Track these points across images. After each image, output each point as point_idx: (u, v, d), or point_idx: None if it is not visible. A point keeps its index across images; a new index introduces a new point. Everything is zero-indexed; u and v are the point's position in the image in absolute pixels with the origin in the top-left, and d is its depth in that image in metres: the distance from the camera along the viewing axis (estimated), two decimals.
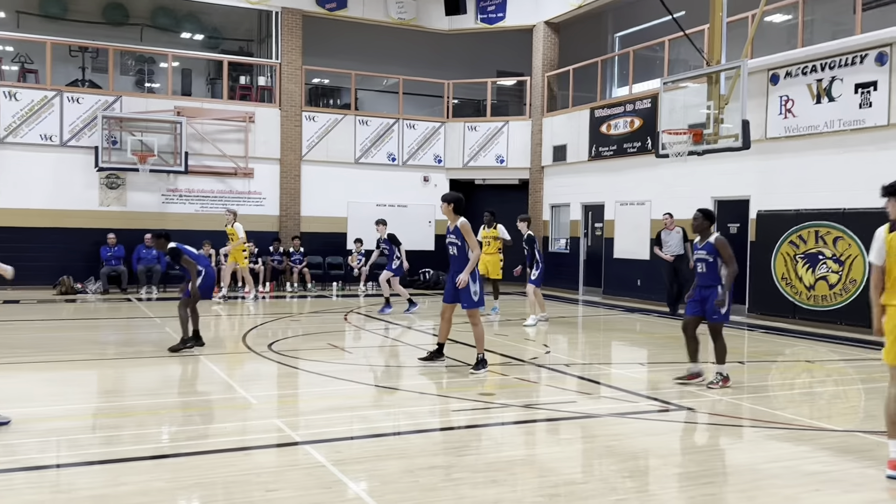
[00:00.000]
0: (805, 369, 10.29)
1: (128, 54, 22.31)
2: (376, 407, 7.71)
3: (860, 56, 13.37)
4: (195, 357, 9.99)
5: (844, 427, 6.97)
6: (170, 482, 5.06)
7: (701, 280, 8.60)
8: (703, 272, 8.56)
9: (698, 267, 8.65)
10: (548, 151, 21.78)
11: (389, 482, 5.11)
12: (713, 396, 8.09)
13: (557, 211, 21.97)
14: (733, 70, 13.44)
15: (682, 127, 14.15)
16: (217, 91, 21.76)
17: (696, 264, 8.71)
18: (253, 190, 20.59)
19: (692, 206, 16.58)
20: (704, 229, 8.61)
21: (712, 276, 8.48)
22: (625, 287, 18.87)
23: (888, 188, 5.58)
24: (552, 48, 21.97)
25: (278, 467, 5.48)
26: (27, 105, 18.35)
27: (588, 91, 21.04)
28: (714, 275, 8.48)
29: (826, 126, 13.95)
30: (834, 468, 5.63)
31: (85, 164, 18.72)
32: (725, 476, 5.40)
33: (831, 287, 13.84)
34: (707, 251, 8.52)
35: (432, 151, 22.64)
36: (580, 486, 5.14)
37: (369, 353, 11.20)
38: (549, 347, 11.61)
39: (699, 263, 8.64)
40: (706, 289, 8.52)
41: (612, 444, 6.21)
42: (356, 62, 22.83)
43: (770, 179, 15.13)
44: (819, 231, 14.07)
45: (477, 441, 6.33)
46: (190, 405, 7.51)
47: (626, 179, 18.99)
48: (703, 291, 8.57)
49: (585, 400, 7.92)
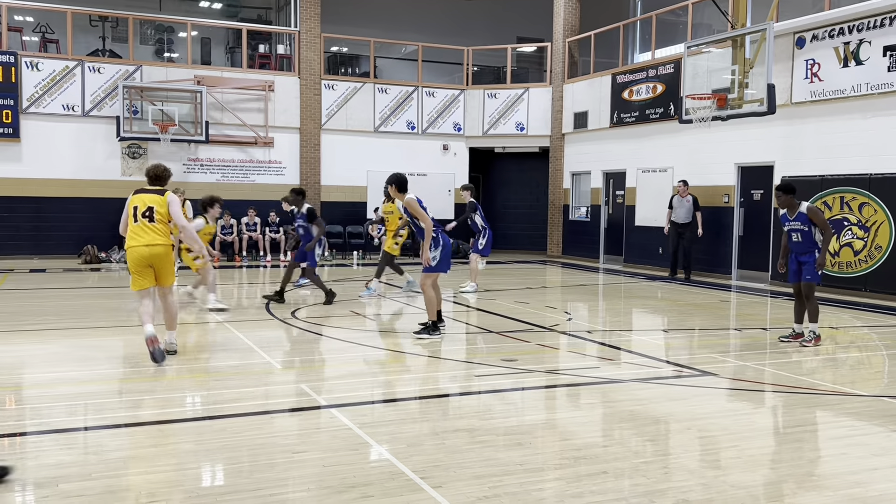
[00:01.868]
0: (829, 335, 10.22)
1: (147, 23, 22.29)
2: (400, 372, 7.75)
3: (889, 18, 13.08)
4: (220, 324, 10.08)
5: (870, 392, 6.93)
6: (197, 444, 5.13)
7: (797, 248, 8.96)
8: (799, 241, 8.91)
9: (793, 237, 8.95)
10: (568, 118, 21.60)
11: (415, 444, 5.15)
12: (736, 362, 8.07)
13: (578, 179, 21.84)
14: (758, 33, 13.22)
15: (706, 92, 13.99)
16: (236, 60, 21.73)
17: (791, 234, 8.99)
18: (273, 159, 20.62)
19: (715, 173, 16.63)
20: (791, 203, 8.92)
21: (808, 244, 8.86)
22: (646, 255, 18.78)
23: None
24: (573, 13, 21.68)
25: (304, 430, 5.54)
26: (49, 75, 18.43)
27: (610, 57, 20.78)
28: (810, 242, 8.88)
29: (853, 90, 13.71)
30: (859, 432, 5.61)
31: (107, 134, 18.82)
32: (748, 440, 5.39)
33: (856, 254, 13.69)
34: (801, 221, 8.85)
35: (452, 119, 22.52)
36: (603, 450, 5.16)
37: (391, 320, 11.25)
38: (571, 314, 11.60)
39: (794, 234, 8.93)
40: (803, 255, 8.90)
41: (635, 408, 6.22)
42: (375, 29, 22.68)
43: (795, 145, 14.92)
44: (845, 197, 13.89)
45: (500, 405, 6.35)
46: (214, 370, 7.59)
47: (648, 146, 18.81)
48: (800, 258, 8.94)
49: (607, 366, 7.93)
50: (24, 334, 9.28)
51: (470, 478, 4.54)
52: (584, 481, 4.54)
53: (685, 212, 16.27)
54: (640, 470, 4.75)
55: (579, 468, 4.77)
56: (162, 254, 7.78)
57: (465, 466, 4.74)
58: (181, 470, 4.64)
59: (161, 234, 7.83)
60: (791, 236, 8.99)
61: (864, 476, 4.71)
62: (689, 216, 16.22)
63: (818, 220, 8.79)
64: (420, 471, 4.63)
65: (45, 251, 18.69)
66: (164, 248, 7.82)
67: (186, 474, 4.59)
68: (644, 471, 4.73)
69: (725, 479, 4.63)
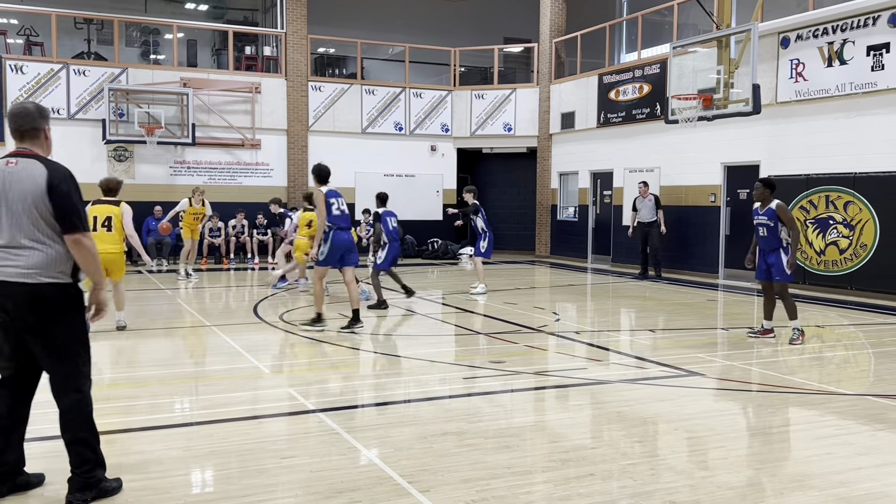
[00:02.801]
0: (815, 334, 10.28)
1: (133, 26, 22.19)
2: (388, 375, 7.76)
3: (872, 18, 13.18)
4: (207, 328, 10.05)
5: (855, 391, 6.98)
6: (184, 451, 5.12)
7: (763, 243, 9.19)
8: (765, 236, 9.14)
9: (760, 231, 9.18)
10: (556, 119, 21.64)
11: (403, 448, 5.16)
12: (723, 362, 8.11)
13: (566, 179, 21.89)
14: (743, 34, 13.29)
15: (692, 92, 14.05)
16: (223, 62, 21.67)
17: (758, 229, 9.22)
18: (260, 161, 20.56)
19: (701, 173, 16.71)
20: (766, 197, 9.12)
21: (773, 240, 9.05)
22: (634, 255, 18.80)
23: None
24: (559, 13, 21.73)
25: (292, 435, 5.54)
26: (34, 78, 18.32)
27: (596, 57, 20.84)
28: (775, 238, 9.05)
29: (837, 89, 13.80)
30: (845, 431, 5.65)
31: (93, 137, 18.72)
32: (736, 440, 5.42)
33: (842, 252, 13.78)
34: (768, 216, 9.06)
35: (439, 120, 22.53)
36: (591, 452, 5.18)
37: (380, 322, 11.24)
38: (559, 315, 11.63)
39: (761, 228, 9.16)
40: (770, 252, 9.10)
41: (623, 409, 6.24)
42: (362, 31, 22.66)
43: (780, 144, 15.01)
44: (830, 196, 13.98)
45: (488, 408, 6.36)
46: (202, 375, 7.57)
47: (634, 146, 18.87)
48: (767, 255, 9.14)
49: (595, 366, 7.95)
50: None
51: (458, 482, 4.55)
52: (571, 483, 4.56)
53: (648, 211, 16.75)
54: (628, 471, 4.77)
55: (567, 470, 4.79)
56: (116, 259, 9.11)
57: (452, 470, 4.75)
58: (169, 476, 4.63)
59: (116, 243, 9.20)
60: (758, 230, 9.24)
61: (849, 475, 4.74)
62: (652, 215, 16.62)
63: (785, 217, 8.99)
64: (408, 475, 4.64)
65: None
66: (117, 254, 9.18)
67: (174, 481, 4.58)
68: (632, 472, 4.75)
69: (713, 479, 4.65)
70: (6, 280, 4.06)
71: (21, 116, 4.27)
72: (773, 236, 9.06)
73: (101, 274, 4.32)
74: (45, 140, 4.36)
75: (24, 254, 4.06)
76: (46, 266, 4.08)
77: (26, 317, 4.07)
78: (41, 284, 4.06)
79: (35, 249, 4.07)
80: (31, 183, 4.07)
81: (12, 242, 4.07)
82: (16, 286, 4.04)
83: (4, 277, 4.06)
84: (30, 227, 4.07)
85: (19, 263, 4.05)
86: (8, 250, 4.08)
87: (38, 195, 4.06)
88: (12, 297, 4.05)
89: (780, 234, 9.01)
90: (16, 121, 4.28)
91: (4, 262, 4.07)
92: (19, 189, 4.07)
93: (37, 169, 4.12)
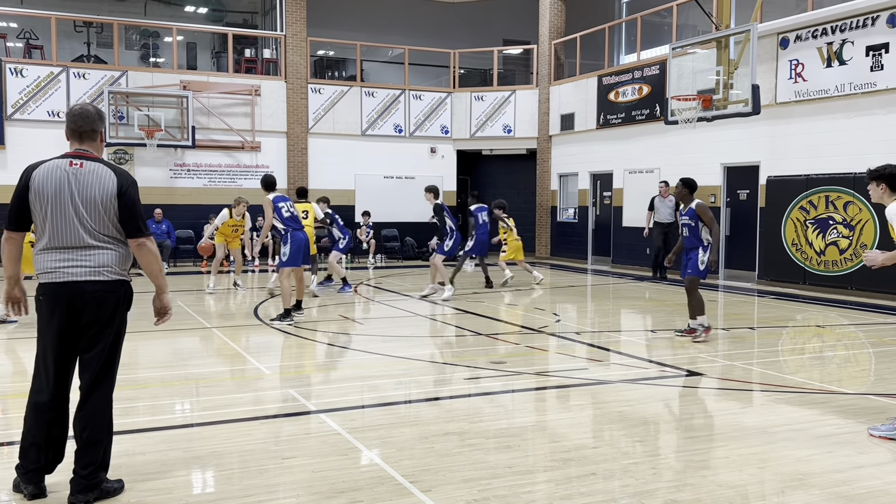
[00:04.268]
0: (816, 334, 10.29)
1: (132, 29, 22.20)
2: (389, 376, 7.75)
3: (871, 18, 13.20)
4: (207, 329, 10.06)
5: (856, 390, 6.99)
6: (186, 452, 5.12)
7: (685, 242, 9.46)
8: (686, 235, 9.40)
9: (683, 231, 9.45)
10: (555, 120, 21.66)
11: (405, 448, 5.16)
12: (724, 362, 8.11)
13: (565, 180, 21.90)
14: (743, 34, 13.30)
15: (692, 93, 14.07)
16: (222, 64, 21.68)
17: (682, 228, 9.51)
18: (260, 163, 20.57)
19: (701, 173, 16.68)
20: (685, 196, 9.37)
21: (694, 239, 9.30)
22: (634, 256, 18.85)
23: (872, 172, 5.71)
24: (559, 15, 21.76)
25: (293, 436, 5.53)
26: (34, 81, 18.34)
27: (595, 58, 20.86)
28: (696, 237, 9.29)
29: (837, 90, 13.82)
30: (846, 430, 5.65)
31: None
32: (737, 440, 5.42)
33: (842, 252, 13.79)
34: (689, 216, 9.31)
35: (439, 122, 22.54)
36: (592, 451, 5.18)
37: (380, 323, 11.25)
38: (559, 316, 11.64)
39: (683, 228, 9.45)
40: (690, 251, 9.37)
41: (623, 409, 6.24)
42: (361, 33, 22.68)
43: (780, 145, 15.02)
44: (830, 196, 13.99)
45: (489, 408, 6.36)
46: (203, 377, 7.57)
47: (634, 147, 18.88)
48: (688, 253, 9.44)
49: (596, 367, 7.95)
50: (8, 342, 9.23)
51: (459, 481, 4.55)
52: (573, 483, 4.56)
53: (668, 212, 16.41)
54: (630, 471, 4.77)
55: (568, 470, 4.79)
56: None
57: (454, 470, 4.75)
58: (170, 477, 4.63)
59: None
60: (682, 230, 9.48)
61: (850, 474, 4.75)
62: (671, 216, 16.34)
63: (706, 217, 9.21)
64: (409, 475, 4.64)
65: None
66: None
67: (176, 481, 4.58)
68: (633, 472, 4.76)
69: (714, 478, 4.66)
70: (75, 280, 4.15)
71: (82, 118, 4.35)
72: (693, 235, 9.28)
73: (165, 277, 4.46)
74: (100, 143, 4.46)
75: (93, 254, 4.18)
76: (114, 264, 4.23)
77: (92, 314, 4.17)
78: (110, 282, 4.21)
79: (103, 249, 4.20)
80: (100, 187, 4.19)
81: (80, 243, 4.17)
82: (86, 284, 4.15)
83: (74, 277, 4.15)
84: (97, 228, 4.19)
85: (89, 263, 4.16)
86: (76, 251, 4.17)
87: (107, 199, 4.18)
88: (82, 295, 4.14)
89: (700, 233, 9.22)
90: (76, 122, 4.35)
91: (73, 263, 4.16)
92: (88, 192, 4.17)
93: (105, 173, 4.23)
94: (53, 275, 4.16)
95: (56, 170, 4.22)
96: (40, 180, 4.19)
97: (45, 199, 4.17)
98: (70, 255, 4.16)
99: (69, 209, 4.16)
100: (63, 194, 4.17)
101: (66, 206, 4.15)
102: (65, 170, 4.21)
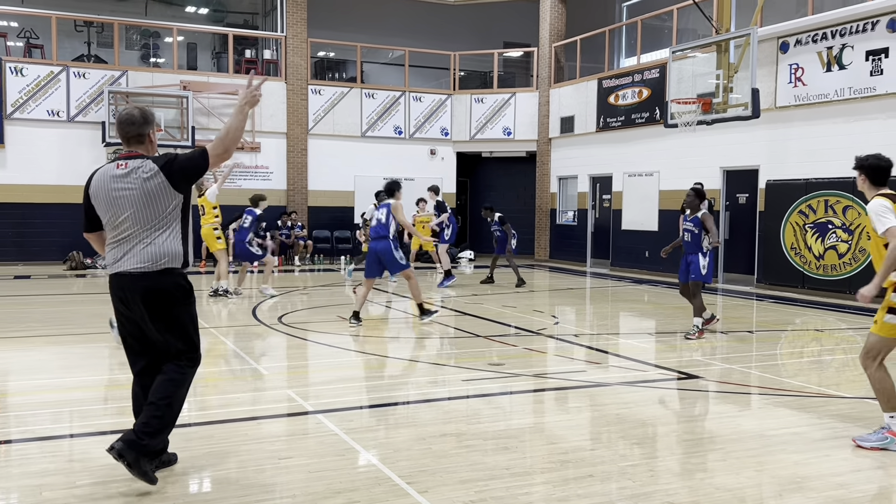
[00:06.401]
0: (814, 338, 10.29)
1: (133, 29, 22.22)
2: (386, 377, 7.75)
3: (871, 23, 13.21)
4: (205, 330, 10.05)
5: (853, 394, 6.98)
6: (182, 451, 5.10)
7: (686, 247, 9.79)
8: (689, 241, 9.72)
9: (685, 236, 9.79)
10: (555, 123, 21.67)
11: (402, 449, 5.15)
12: (722, 365, 8.11)
13: (565, 183, 21.90)
14: (743, 38, 13.31)
15: (691, 96, 14.07)
16: (223, 65, 21.69)
17: (684, 233, 9.85)
18: (260, 164, 20.58)
19: (701, 177, 16.68)
20: (696, 206, 9.73)
21: (695, 246, 9.65)
22: (633, 259, 18.85)
23: (857, 161, 5.90)
24: (559, 18, 21.77)
25: (291, 436, 5.53)
26: (34, 80, 18.34)
27: (596, 61, 20.87)
28: (696, 244, 9.68)
29: (836, 94, 13.83)
30: (843, 434, 5.65)
31: (92, 140, 18.72)
32: (734, 443, 5.42)
33: (841, 256, 13.80)
34: (694, 224, 9.65)
35: (439, 124, 22.55)
36: (589, 453, 5.17)
37: (378, 324, 11.24)
38: (558, 318, 11.63)
39: (686, 233, 9.77)
40: (690, 255, 9.70)
41: (621, 412, 6.24)
42: (362, 34, 22.69)
43: (779, 149, 15.03)
44: (829, 200, 14.00)
45: (487, 410, 6.36)
46: (201, 377, 7.55)
47: (634, 150, 18.89)
48: (687, 257, 9.76)
49: (594, 369, 7.95)
50: (9, 341, 9.23)
51: (456, 483, 4.55)
52: (570, 485, 4.56)
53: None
54: (627, 473, 4.77)
55: (566, 472, 4.79)
56: None
57: (451, 471, 4.74)
58: (167, 477, 4.62)
59: None
60: (684, 235, 9.82)
61: (847, 477, 4.74)
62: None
63: (709, 226, 9.56)
64: (406, 476, 4.63)
65: (29, 257, 18.57)
66: None
67: (173, 481, 4.57)
68: (630, 474, 4.75)
69: (711, 481, 4.65)
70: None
71: (128, 124, 4.50)
72: (695, 242, 9.67)
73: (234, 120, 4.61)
74: (150, 143, 4.62)
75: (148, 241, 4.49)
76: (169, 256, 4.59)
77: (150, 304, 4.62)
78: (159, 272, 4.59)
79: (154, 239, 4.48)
80: (141, 180, 4.38)
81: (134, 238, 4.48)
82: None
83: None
84: (149, 221, 4.43)
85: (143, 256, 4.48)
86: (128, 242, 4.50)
87: (153, 188, 4.38)
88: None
89: (702, 241, 9.62)
90: (122, 128, 4.51)
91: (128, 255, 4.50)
92: (132, 191, 4.39)
93: (147, 165, 4.41)
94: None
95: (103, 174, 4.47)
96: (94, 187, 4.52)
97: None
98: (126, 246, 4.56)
99: (127, 209, 4.47)
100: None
101: (125, 206, 4.46)
102: (111, 174, 4.44)
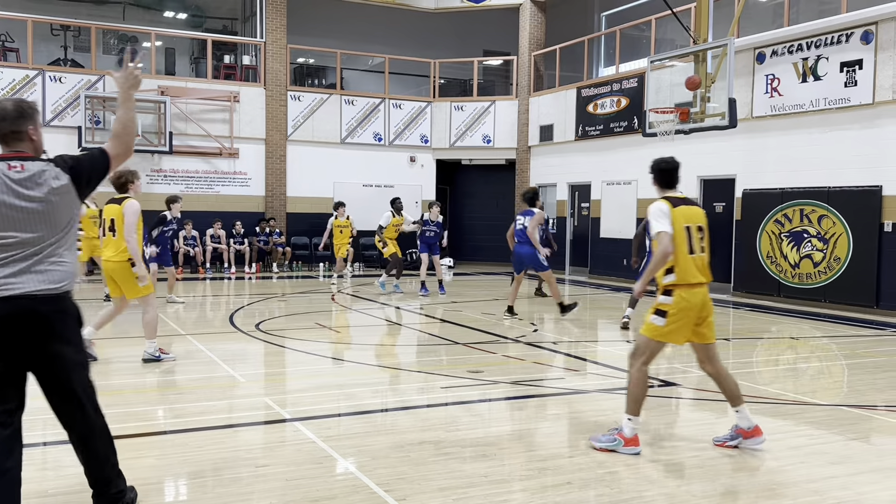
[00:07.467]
0: (790, 346, 10.38)
1: (110, 33, 22.06)
2: (365, 385, 7.71)
3: (846, 35, 13.40)
4: (182, 337, 9.96)
5: (829, 401, 7.05)
6: (159, 459, 5.06)
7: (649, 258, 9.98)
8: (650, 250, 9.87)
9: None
10: (534, 131, 21.75)
11: (379, 457, 5.13)
12: (699, 372, 8.14)
13: (544, 191, 21.91)
14: (720, 49, 13.43)
15: (669, 106, 14.17)
16: (201, 70, 21.57)
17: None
18: (238, 170, 20.46)
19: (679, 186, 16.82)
20: None
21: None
22: (611, 266, 18.94)
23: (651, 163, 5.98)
24: (539, 27, 21.88)
25: (267, 444, 5.49)
26: (8, 84, 18.13)
27: (575, 70, 20.99)
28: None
29: (812, 105, 14.00)
30: (819, 441, 5.70)
31: (68, 145, 18.50)
32: (711, 449, 5.45)
33: (816, 265, 13.94)
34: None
35: (419, 131, 22.56)
36: (568, 461, 5.18)
37: (357, 332, 11.20)
38: (536, 326, 11.65)
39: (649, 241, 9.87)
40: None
41: (600, 419, 6.25)
42: (341, 41, 22.67)
43: (756, 158, 15.18)
44: (804, 209, 14.15)
45: (466, 417, 6.35)
46: (177, 384, 7.50)
47: (612, 159, 19.00)
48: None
49: (572, 376, 7.97)
50: None
51: (434, 490, 4.53)
52: (548, 492, 4.56)
53: None
54: (605, 480, 4.78)
55: (544, 479, 4.79)
56: (118, 268, 7.78)
57: (429, 479, 4.73)
58: (143, 485, 4.56)
59: (116, 249, 7.82)
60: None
61: (821, 484, 4.78)
62: None
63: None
64: (384, 484, 4.61)
65: None
66: (116, 263, 7.79)
67: (148, 489, 4.52)
68: (608, 481, 4.76)
69: (688, 488, 4.67)
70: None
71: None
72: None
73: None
74: (30, 141, 4.08)
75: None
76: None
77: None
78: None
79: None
80: (49, 187, 3.88)
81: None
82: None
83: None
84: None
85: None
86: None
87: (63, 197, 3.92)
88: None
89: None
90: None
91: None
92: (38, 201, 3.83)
93: (52, 169, 3.93)
94: None
95: None
96: None
97: None
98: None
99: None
100: None
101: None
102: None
